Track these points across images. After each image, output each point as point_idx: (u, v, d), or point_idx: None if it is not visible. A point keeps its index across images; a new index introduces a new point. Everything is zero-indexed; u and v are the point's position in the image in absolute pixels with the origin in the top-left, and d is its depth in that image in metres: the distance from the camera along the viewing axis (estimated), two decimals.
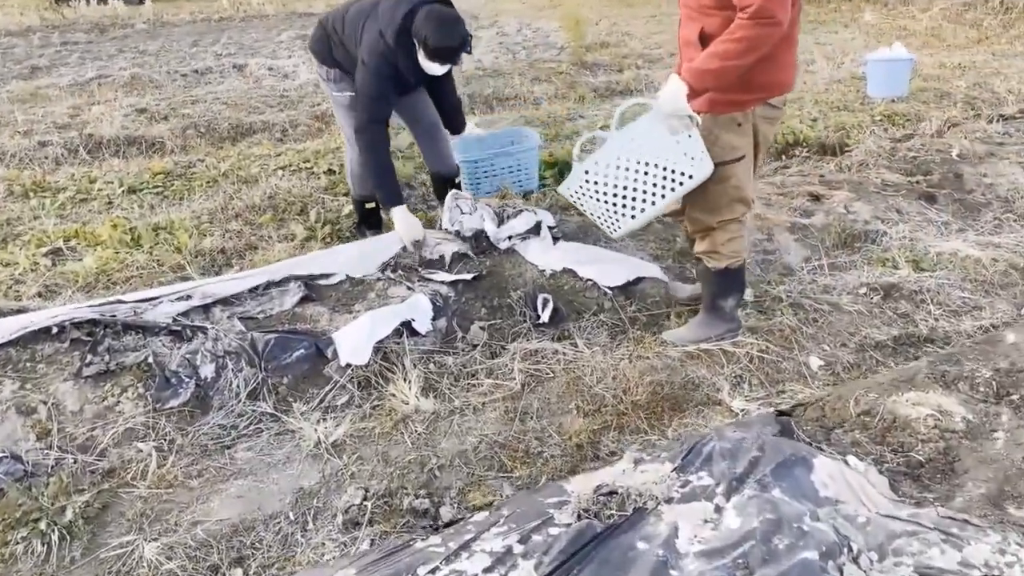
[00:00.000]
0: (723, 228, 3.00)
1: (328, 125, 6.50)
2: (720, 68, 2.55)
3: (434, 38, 3.30)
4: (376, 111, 3.50)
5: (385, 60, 3.40)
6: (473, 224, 3.68)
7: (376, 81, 3.44)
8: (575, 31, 8.86)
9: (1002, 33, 8.73)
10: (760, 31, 2.48)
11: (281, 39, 10.86)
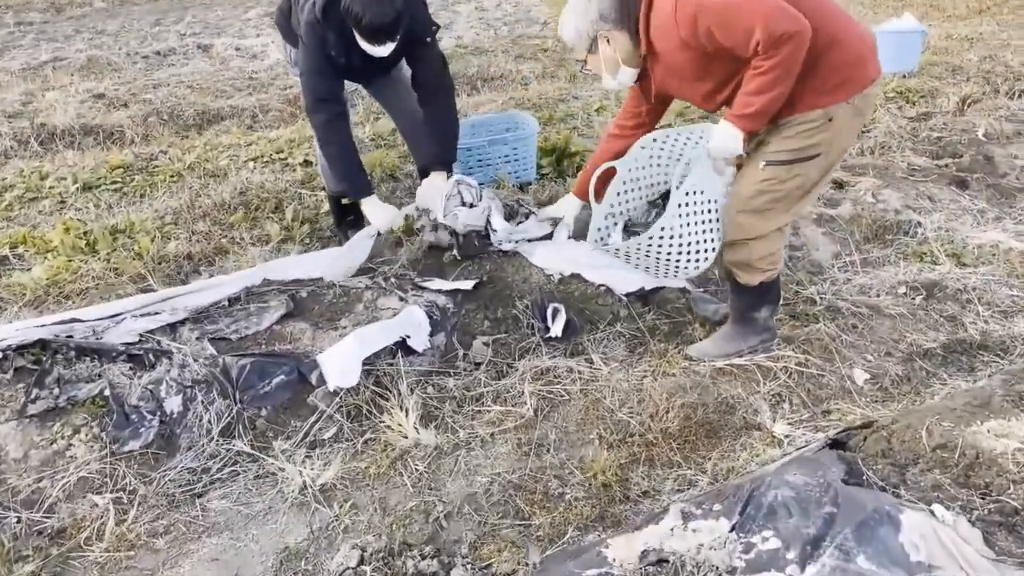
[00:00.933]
0: (768, 238, 2.64)
1: (300, 110, 6.05)
2: (764, 105, 2.37)
3: (361, 14, 2.81)
4: (317, 87, 3.07)
5: (316, 35, 2.98)
6: (471, 220, 3.23)
7: (311, 57, 3.04)
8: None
9: (1003, 3, 8.42)
10: (783, 52, 2.26)
11: (248, 17, 10.32)
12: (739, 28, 2.25)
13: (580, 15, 2.52)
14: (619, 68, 2.59)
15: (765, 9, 2.23)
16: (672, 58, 2.45)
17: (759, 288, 2.73)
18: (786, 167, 2.51)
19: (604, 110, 5.48)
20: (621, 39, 2.52)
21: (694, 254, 2.63)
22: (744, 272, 2.71)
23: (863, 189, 3.90)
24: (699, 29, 2.30)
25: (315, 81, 3.06)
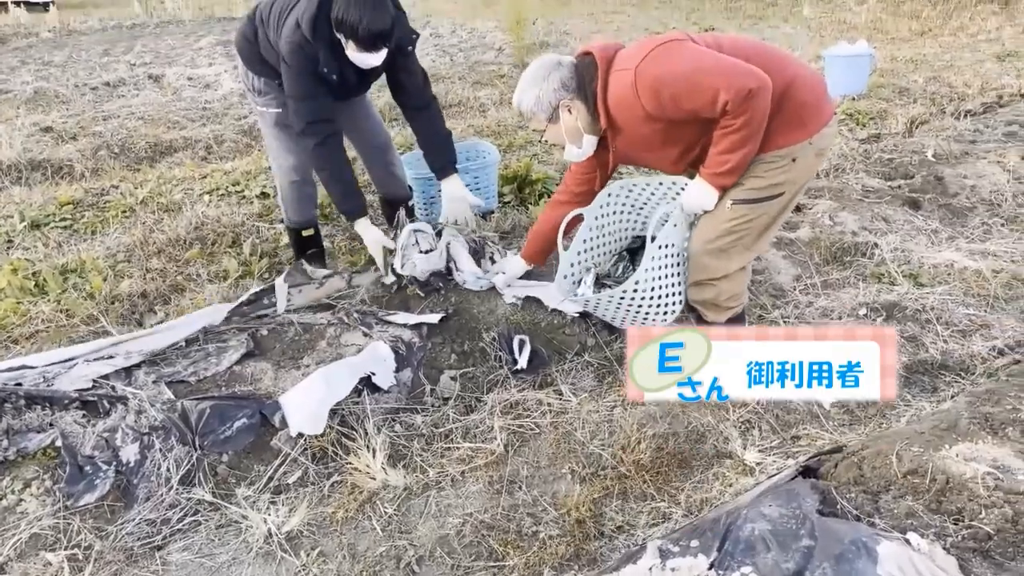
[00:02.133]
0: (732, 278, 2.68)
1: (257, 140, 5.98)
2: (737, 163, 2.41)
3: (358, 20, 2.77)
4: (310, 111, 2.99)
5: (304, 55, 2.90)
6: (430, 265, 3.20)
7: (299, 80, 2.95)
8: (516, 31, 8.47)
9: (943, 25, 8.69)
10: (751, 108, 2.29)
11: (200, 46, 10.20)
12: (705, 92, 2.28)
13: (540, 84, 2.50)
14: (582, 137, 2.58)
15: (725, 70, 2.27)
16: (636, 130, 2.47)
17: (726, 325, 2.75)
18: (751, 206, 2.54)
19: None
20: (582, 108, 2.52)
21: (665, 306, 2.67)
22: (711, 311, 2.73)
23: (820, 212, 3.96)
24: (663, 100, 2.32)
25: (306, 105, 2.99)
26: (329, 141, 3.05)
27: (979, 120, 5.24)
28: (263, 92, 3.29)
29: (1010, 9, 8.93)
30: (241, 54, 3.32)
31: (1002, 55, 7.15)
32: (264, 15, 3.15)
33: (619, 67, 2.41)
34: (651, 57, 2.35)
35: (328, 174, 3.13)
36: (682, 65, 2.32)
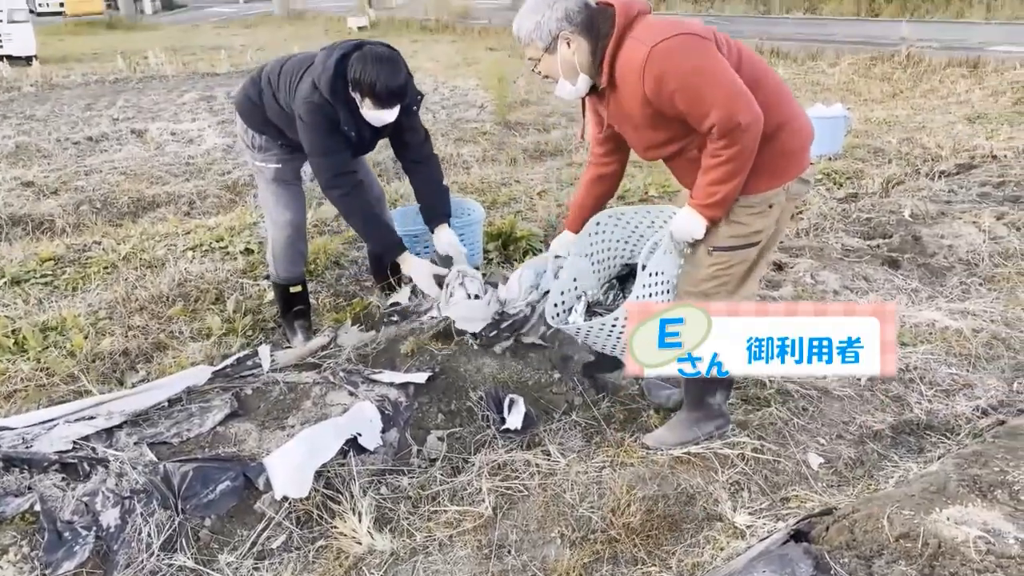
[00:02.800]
0: None
1: (241, 196, 6.00)
2: (726, 194, 2.39)
3: (375, 79, 2.89)
4: (334, 165, 3.08)
5: (324, 114, 2.99)
6: (476, 314, 3.14)
7: (320, 137, 3.03)
8: (498, 89, 8.62)
9: (914, 87, 8.95)
10: (741, 143, 2.29)
11: (183, 101, 10.26)
12: (700, 105, 2.26)
13: (544, 10, 2.39)
14: (577, 75, 2.46)
15: (728, 92, 2.25)
16: (628, 103, 2.40)
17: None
18: (730, 253, 2.55)
19: (547, 193, 5.56)
20: (584, 45, 2.41)
21: None
22: None
23: (802, 270, 4.01)
24: (663, 91, 2.28)
25: (329, 160, 3.07)
26: (354, 191, 3.14)
27: (953, 181, 5.37)
28: (263, 149, 3.34)
29: (978, 72, 9.21)
30: (243, 113, 3.37)
31: (972, 117, 7.37)
32: (272, 78, 3.22)
33: (637, 36, 2.32)
34: (670, 44, 2.27)
35: (361, 219, 3.20)
36: (693, 67, 2.27)
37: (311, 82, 3.01)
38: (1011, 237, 4.39)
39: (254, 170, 3.49)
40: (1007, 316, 3.65)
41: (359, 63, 2.92)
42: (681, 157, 2.53)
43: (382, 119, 3.05)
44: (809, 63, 11.07)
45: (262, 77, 3.28)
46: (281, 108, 3.17)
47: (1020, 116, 7.35)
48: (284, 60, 3.26)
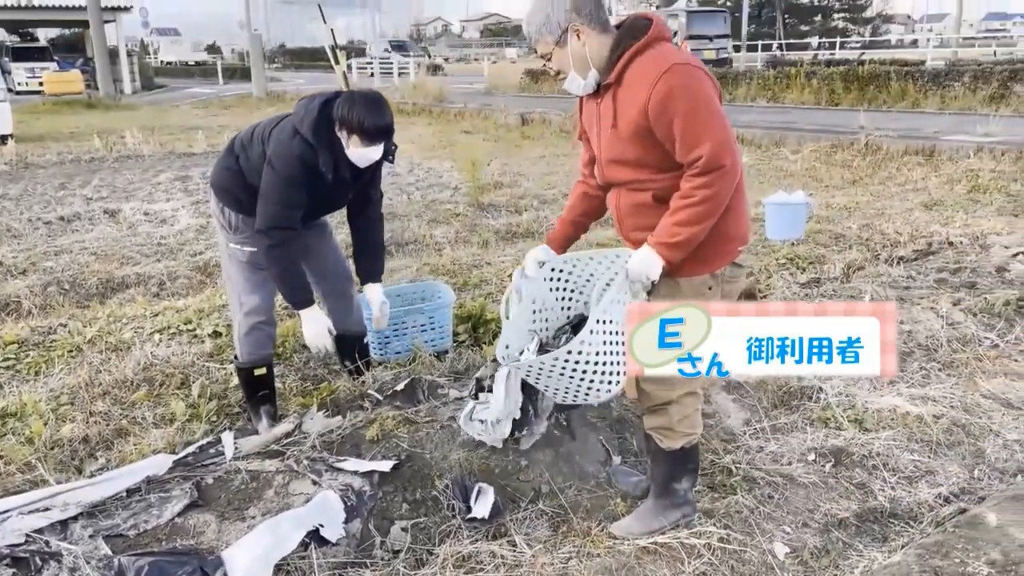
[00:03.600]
0: (680, 402, 2.69)
1: (212, 277, 5.99)
2: (689, 237, 2.37)
3: (363, 115, 2.99)
4: (280, 217, 3.09)
5: (300, 161, 3.03)
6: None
7: (282, 185, 3.05)
8: (471, 172, 8.79)
9: (873, 174, 9.25)
10: (718, 185, 2.31)
11: (159, 180, 10.33)
12: (698, 131, 2.27)
13: (552, 4, 2.41)
14: (588, 70, 2.46)
15: (726, 133, 2.30)
16: (625, 106, 2.39)
17: (680, 454, 2.75)
18: None
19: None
20: (594, 37, 2.42)
21: (605, 376, 2.53)
22: (666, 437, 2.73)
23: None
24: (668, 105, 2.28)
25: (278, 209, 3.07)
26: (288, 243, 3.13)
27: (911, 266, 5.52)
28: (239, 230, 3.34)
29: (933, 160, 9.56)
30: (220, 189, 3.38)
31: (929, 204, 7.62)
32: (245, 141, 3.29)
33: (663, 50, 2.35)
34: (691, 68, 2.31)
35: (281, 269, 3.19)
36: (706, 97, 2.31)
37: (291, 127, 3.07)
38: (968, 323, 4.50)
39: (226, 252, 3.47)
40: (966, 402, 3.71)
41: (346, 102, 3.03)
42: (632, 190, 2.53)
43: (367, 157, 3.11)
44: (773, 149, 11.43)
45: (235, 143, 3.33)
46: (256, 174, 3.18)
47: (974, 203, 7.62)
48: (255, 124, 3.35)
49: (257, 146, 3.22)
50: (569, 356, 2.48)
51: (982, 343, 4.34)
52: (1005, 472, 3.19)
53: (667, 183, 2.42)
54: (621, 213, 2.65)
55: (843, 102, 17.73)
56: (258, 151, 3.21)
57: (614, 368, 2.53)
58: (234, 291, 3.47)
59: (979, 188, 8.17)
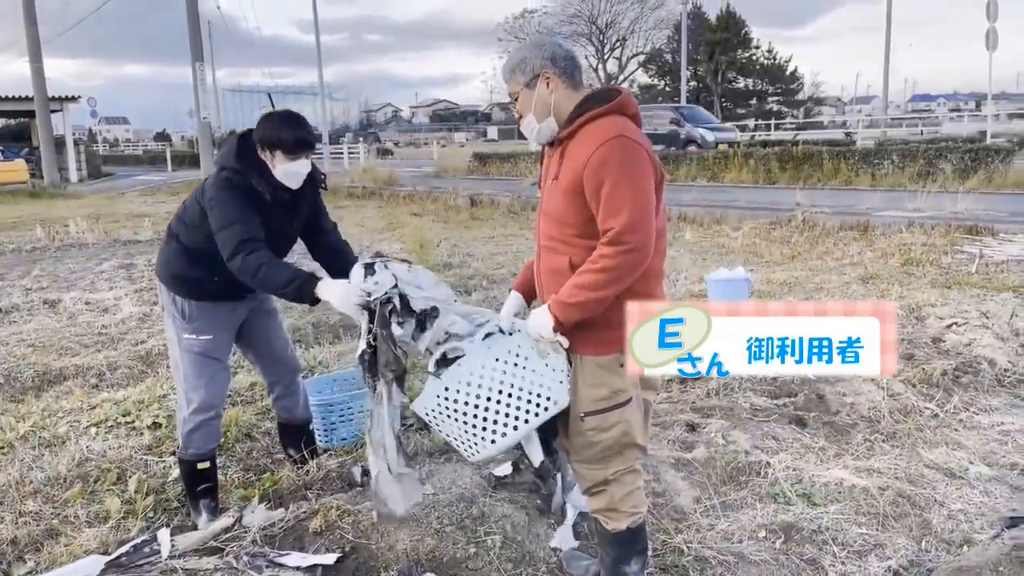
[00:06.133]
0: (618, 480, 2.67)
1: (153, 366, 5.85)
2: (584, 301, 2.40)
3: (280, 129, 3.07)
4: (241, 232, 2.98)
5: (230, 183, 3.05)
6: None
7: (228, 209, 3.02)
8: (421, 254, 8.84)
9: (811, 249, 9.53)
10: (622, 259, 2.35)
11: (102, 269, 10.15)
12: (619, 204, 2.33)
13: (533, 49, 2.57)
14: (548, 116, 2.56)
15: (644, 217, 2.35)
16: (572, 161, 2.46)
17: (627, 535, 2.71)
18: (602, 416, 2.55)
19: None
20: (562, 90, 2.54)
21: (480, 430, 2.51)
22: (610, 518, 2.70)
23: (713, 431, 4.09)
24: (600, 171, 2.35)
25: (236, 228, 2.99)
26: (260, 249, 2.98)
27: None
28: (193, 318, 3.27)
29: (868, 236, 9.90)
30: (168, 279, 3.33)
31: (865, 277, 7.86)
32: (179, 215, 3.32)
33: (620, 123, 2.43)
34: (637, 147, 2.39)
35: (267, 267, 2.94)
36: (638, 179, 2.37)
37: (217, 168, 3.13)
38: (908, 393, 4.60)
39: (177, 345, 3.34)
40: (910, 473, 3.76)
41: (262, 124, 3.12)
42: (553, 251, 2.57)
43: (296, 172, 3.13)
44: (714, 227, 11.74)
45: (171, 227, 3.36)
46: (199, 227, 3.17)
47: (908, 276, 7.88)
48: (182, 203, 3.39)
49: (192, 209, 3.23)
50: (447, 392, 2.49)
51: (922, 413, 4.44)
52: (951, 543, 3.22)
53: (584, 252, 2.46)
54: (541, 279, 2.70)
55: (779, 180, 18.39)
56: (194, 212, 3.21)
57: (499, 419, 2.51)
58: (182, 386, 3.36)
59: (912, 261, 8.48)
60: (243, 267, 2.96)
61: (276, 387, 3.70)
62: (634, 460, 2.70)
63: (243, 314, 3.43)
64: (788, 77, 60.79)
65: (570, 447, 2.69)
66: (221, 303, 3.32)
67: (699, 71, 55.06)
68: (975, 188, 14.02)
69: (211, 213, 3.06)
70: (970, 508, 3.49)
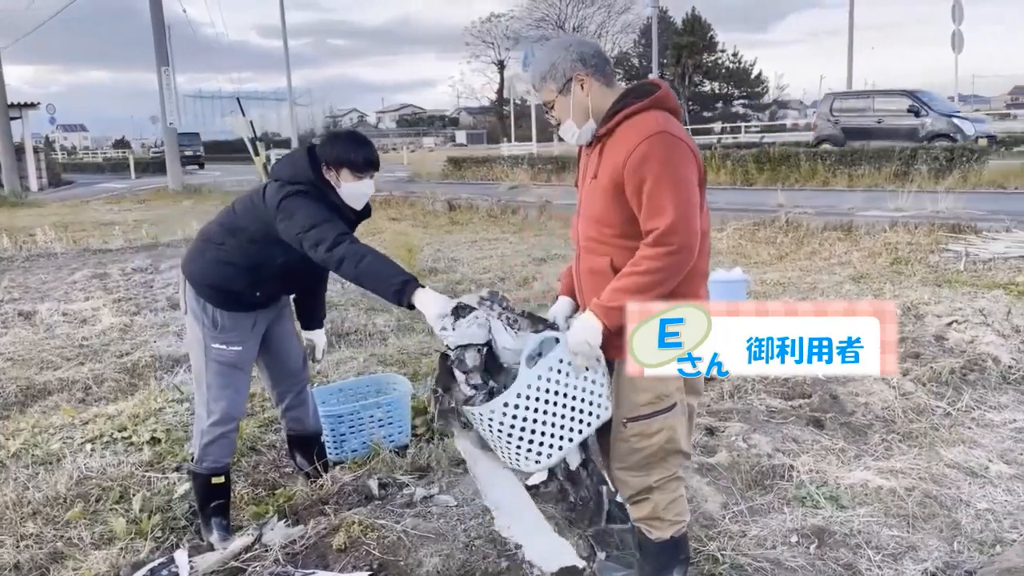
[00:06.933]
0: (662, 488, 2.58)
1: (142, 378, 5.66)
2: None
3: (349, 148, 3.03)
4: (338, 226, 2.83)
5: (311, 196, 2.94)
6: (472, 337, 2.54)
7: (314, 209, 2.88)
8: (407, 258, 8.69)
9: (798, 250, 9.56)
10: (667, 261, 2.28)
11: (75, 279, 9.86)
12: (663, 202, 2.26)
13: (560, 52, 2.45)
14: (587, 120, 2.47)
15: (686, 213, 2.27)
16: (612, 157, 2.38)
17: (671, 544, 2.63)
18: (645, 422, 2.48)
19: None
20: (597, 89, 2.45)
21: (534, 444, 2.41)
22: (655, 527, 2.61)
23: (733, 434, 4.03)
24: (641, 168, 2.28)
25: (333, 224, 2.83)
26: (358, 241, 2.83)
27: None
28: (225, 328, 3.14)
29: (853, 236, 9.96)
30: (202, 286, 3.17)
31: (856, 277, 7.90)
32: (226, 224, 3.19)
33: (661, 117, 2.35)
34: (680, 142, 2.32)
35: (374, 257, 2.74)
36: (682, 174, 2.30)
37: (283, 180, 3.00)
38: (919, 392, 4.58)
39: (202, 353, 3.18)
40: (933, 472, 3.73)
41: (328, 142, 3.08)
42: (593, 252, 2.49)
43: (362, 192, 3.07)
44: None
45: (213, 233, 3.21)
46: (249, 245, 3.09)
47: (899, 275, 7.92)
48: (225, 209, 3.29)
49: (245, 218, 3.12)
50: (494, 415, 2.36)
51: (935, 412, 4.42)
52: (983, 543, 3.18)
53: (625, 253, 2.38)
54: (581, 281, 2.61)
55: (757, 182, 18.50)
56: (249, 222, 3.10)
57: (544, 439, 2.41)
58: (203, 396, 3.21)
59: (900, 260, 8.53)
60: (347, 253, 2.71)
61: (286, 397, 3.56)
62: (678, 467, 2.62)
63: (267, 321, 3.30)
64: (753, 80, 61.63)
65: (612, 454, 2.60)
66: (253, 313, 3.22)
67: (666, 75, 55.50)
68: (952, 187, 14.20)
69: (288, 220, 2.88)
70: (996, 507, 3.46)
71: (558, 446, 2.45)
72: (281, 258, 3.07)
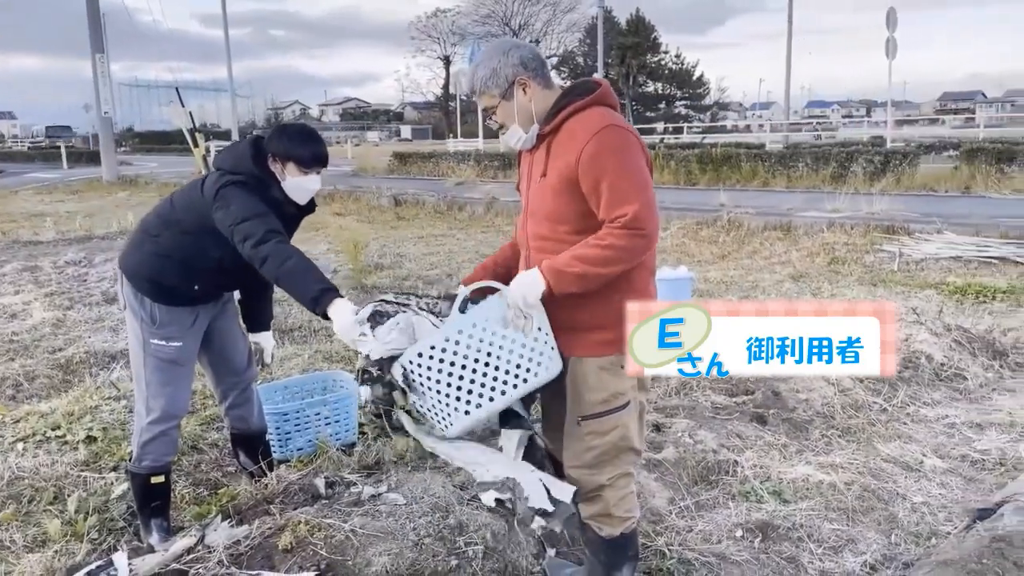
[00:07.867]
0: (613, 485, 2.60)
1: (75, 374, 5.47)
2: (583, 273, 2.29)
3: (297, 143, 2.98)
4: (269, 222, 2.79)
5: (249, 188, 2.90)
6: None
7: (249, 203, 2.84)
8: (353, 254, 8.60)
9: (739, 249, 9.75)
10: (631, 242, 2.28)
11: (4, 272, 9.50)
12: (625, 193, 2.26)
13: (500, 57, 2.43)
14: (532, 124, 2.46)
15: (649, 199, 2.29)
16: (559, 157, 2.38)
17: (620, 540, 2.65)
18: (599, 420, 2.49)
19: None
20: (539, 92, 2.44)
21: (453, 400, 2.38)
22: (605, 524, 2.63)
23: (679, 430, 4.09)
24: (597, 162, 2.28)
25: (264, 220, 2.79)
26: (286, 241, 2.79)
27: None
28: (163, 323, 3.05)
29: (792, 235, 10.20)
30: (139, 279, 3.07)
31: (796, 276, 8.09)
32: (163, 215, 3.12)
33: (607, 112, 2.37)
34: (629, 134, 2.34)
35: (298, 260, 2.68)
36: (632, 161, 2.31)
37: (224, 169, 2.95)
38: (857, 389, 4.71)
39: (140, 348, 3.09)
40: (870, 467, 3.84)
41: (276, 134, 3.02)
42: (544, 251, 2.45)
43: (307, 187, 3.02)
44: None
45: (150, 224, 3.14)
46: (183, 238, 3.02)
47: (836, 274, 8.14)
48: (164, 199, 3.22)
49: (183, 210, 3.05)
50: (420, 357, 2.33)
51: (872, 408, 4.55)
52: (920, 536, 3.29)
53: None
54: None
55: (699, 182, 18.82)
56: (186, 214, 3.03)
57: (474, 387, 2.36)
58: (143, 393, 3.12)
59: (838, 260, 8.77)
60: (273, 252, 2.68)
61: (230, 395, 3.48)
62: (630, 464, 2.64)
63: (209, 317, 3.22)
64: (695, 82, 62.57)
65: (565, 453, 2.60)
66: (193, 308, 3.14)
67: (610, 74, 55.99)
68: (886, 189, 14.67)
69: (224, 210, 2.83)
70: (931, 500, 3.58)
71: (488, 396, 2.38)
72: (216, 251, 2.97)
